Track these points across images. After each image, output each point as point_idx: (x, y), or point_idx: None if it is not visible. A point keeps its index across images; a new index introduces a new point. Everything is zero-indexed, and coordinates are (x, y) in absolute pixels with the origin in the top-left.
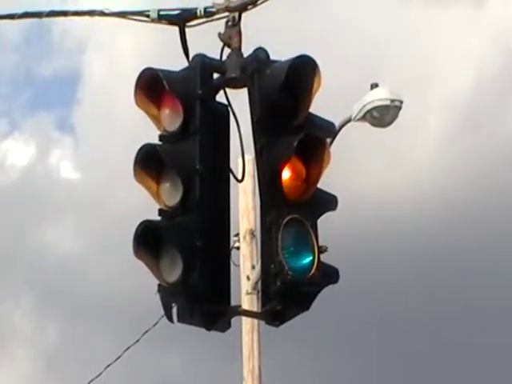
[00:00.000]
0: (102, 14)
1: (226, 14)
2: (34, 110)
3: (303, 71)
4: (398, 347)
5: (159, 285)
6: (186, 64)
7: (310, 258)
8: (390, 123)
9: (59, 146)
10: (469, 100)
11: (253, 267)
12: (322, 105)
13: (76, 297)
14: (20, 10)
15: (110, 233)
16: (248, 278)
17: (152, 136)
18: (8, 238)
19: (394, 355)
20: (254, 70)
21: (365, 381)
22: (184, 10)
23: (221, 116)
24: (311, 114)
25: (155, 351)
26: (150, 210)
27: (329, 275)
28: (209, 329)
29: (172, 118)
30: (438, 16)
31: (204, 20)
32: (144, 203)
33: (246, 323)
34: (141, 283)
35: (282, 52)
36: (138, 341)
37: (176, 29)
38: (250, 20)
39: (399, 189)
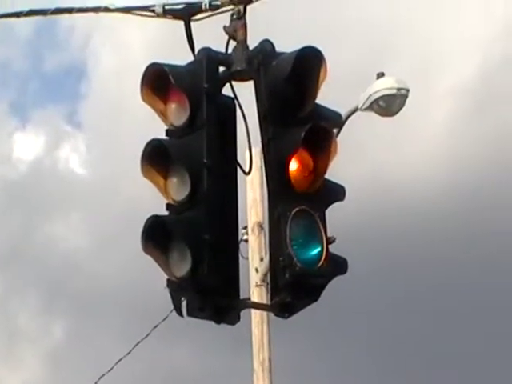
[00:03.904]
0: (107, 9)
1: (231, 7)
2: (43, 103)
3: (309, 62)
4: (410, 332)
5: (168, 279)
6: (191, 58)
7: (319, 249)
8: (396, 112)
9: (67, 139)
10: (476, 86)
11: (261, 259)
12: (328, 95)
13: (83, 292)
14: (26, 8)
15: (116, 228)
16: (257, 270)
17: (160, 131)
18: (15, 233)
19: (407, 340)
20: (259, 62)
21: (376, 366)
22: (189, 4)
23: (227, 109)
24: (318, 105)
25: (165, 345)
26: (157, 205)
27: (337, 266)
28: (218, 322)
29: (179, 112)
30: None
31: (209, 13)
32: (151, 198)
33: (256, 315)
34: (148, 278)
35: (287, 44)
36: (148, 335)
37: (182, 22)
38: (255, 13)
39: (406, 175)
